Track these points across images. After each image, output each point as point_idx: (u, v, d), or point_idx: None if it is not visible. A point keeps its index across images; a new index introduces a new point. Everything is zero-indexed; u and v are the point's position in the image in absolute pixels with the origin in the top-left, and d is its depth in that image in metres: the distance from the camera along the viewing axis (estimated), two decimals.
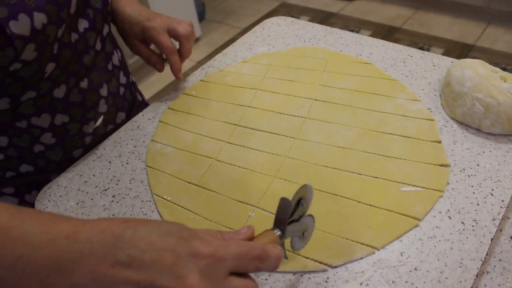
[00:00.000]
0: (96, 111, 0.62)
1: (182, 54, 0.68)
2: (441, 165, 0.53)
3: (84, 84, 0.59)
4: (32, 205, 0.59)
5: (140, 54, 0.69)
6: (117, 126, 0.68)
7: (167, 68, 0.70)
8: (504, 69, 0.59)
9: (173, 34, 0.66)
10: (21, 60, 0.46)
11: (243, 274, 0.34)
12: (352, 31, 0.81)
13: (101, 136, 0.66)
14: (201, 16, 2.66)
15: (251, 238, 0.38)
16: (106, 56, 0.63)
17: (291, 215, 0.40)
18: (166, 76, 2.22)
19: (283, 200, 0.39)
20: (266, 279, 0.45)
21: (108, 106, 0.65)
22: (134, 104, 0.76)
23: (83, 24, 0.56)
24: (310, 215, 0.43)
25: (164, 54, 0.67)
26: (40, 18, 0.46)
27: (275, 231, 0.39)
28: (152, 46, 0.70)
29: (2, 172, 0.59)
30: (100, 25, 0.60)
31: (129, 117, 0.71)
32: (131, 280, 0.31)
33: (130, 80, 0.77)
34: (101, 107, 0.63)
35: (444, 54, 0.72)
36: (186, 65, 2.35)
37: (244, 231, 0.37)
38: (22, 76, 0.49)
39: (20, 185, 0.61)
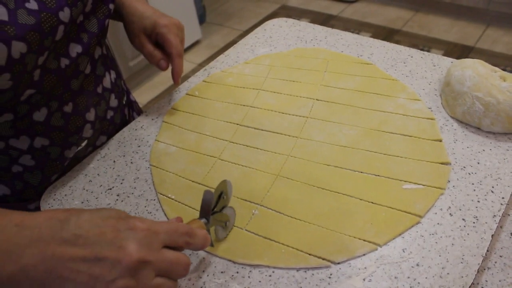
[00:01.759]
0: (79, 136, 0.60)
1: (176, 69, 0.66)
2: (442, 163, 0.54)
3: (68, 108, 0.56)
4: None
5: (143, 48, 0.66)
6: (95, 148, 0.66)
7: (169, 71, 0.68)
8: (503, 70, 0.60)
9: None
10: None
11: (176, 250, 0.39)
12: (352, 33, 0.82)
13: (79, 159, 0.64)
14: (202, 19, 2.67)
15: None
16: (95, 79, 0.60)
17: (214, 206, 0.46)
18: (168, 78, 2.23)
19: (207, 192, 0.45)
20: (270, 275, 0.45)
21: (94, 130, 0.62)
22: (124, 126, 0.71)
23: (75, 49, 0.53)
24: (231, 207, 0.50)
25: (169, 54, 0.65)
26: (19, 47, 0.43)
27: (201, 220, 0.44)
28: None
29: None
30: (93, 49, 0.57)
31: (109, 138, 0.68)
32: (77, 256, 0.34)
33: (132, 99, 0.75)
34: (85, 132, 0.60)
35: (444, 55, 0.73)
36: (187, 67, 2.36)
37: (173, 220, 0.43)
38: None
39: None
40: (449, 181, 0.52)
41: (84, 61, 0.56)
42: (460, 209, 0.49)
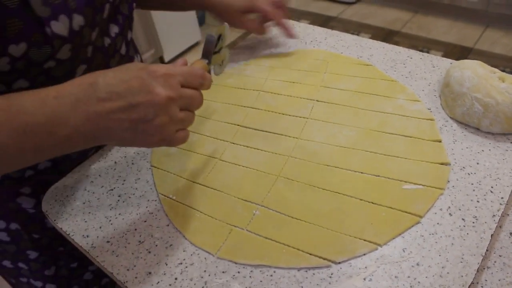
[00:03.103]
0: None
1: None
2: (442, 164, 0.54)
3: None
4: None
5: (247, 24, 0.76)
6: None
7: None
8: (502, 71, 0.61)
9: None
10: (56, 59, 0.48)
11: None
12: (351, 34, 0.82)
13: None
14: (201, 20, 2.68)
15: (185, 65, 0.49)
16: (129, 60, 0.66)
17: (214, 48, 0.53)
18: None
19: (209, 36, 0.52)
20: (271, 275, 0.46)
21: None
22: None
23: (114, 29, 0.58)
24: (226, 48, 0.58)
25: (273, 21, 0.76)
26: (78, 20, 0.48)
27: (204, 61, 0.52)
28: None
29: (21, 172, 0.60)
30: (126, 31, 0.62)
31: None
32: (114, 108, 0.41)
33: None
34: None
35: (443, 57, 0.73)
36: None
37: (180, 62, 0.49)
38: (54, 75, 0.50)
39: (36, 184, 0.62)
40: (448, 181, 0.52)
41: (120, 41, 0.61)
42: (459, 209, 0.49)
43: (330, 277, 0.45)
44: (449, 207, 0.50)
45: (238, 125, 0.65)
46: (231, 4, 0.73)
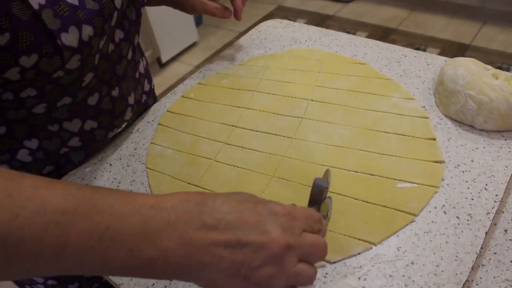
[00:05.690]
0: (122, 119, 0.65)
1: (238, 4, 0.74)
2: (436, 162, 0.54)
3: (115, 92, 0.61)
4: None
5: (206, 6, 0.73)
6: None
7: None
8: (499, 67, 0.60)
9: None
10: (65, 69, 0.48)
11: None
12: (348, 33, 0.82)
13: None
14: (198, 21, 2.68)
15: None
16: (134, 65, 0.65)
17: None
18: (163, 80, 2.24)
19: (319, 180, 0.43)
20: None
21: (133, 113, 0.67)
22: None
23: (119, 35, 0.58)
24: (330, 197, 0.48)
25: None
26: (87, 31, 0.47)
27: (313, 208, 0.43)
28: None
29: None
30: (133, 36, 0.62)
31: None
32: (218, 240, 0.33)
33: (152, 87, 0.79)
34: (127, 114, 0.65)
35: (440, 54, 0.74)
36: (184, 69, 2.36)
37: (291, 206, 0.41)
38: (62, 83, 0.50)
39: None
40: (443, 179, 0.52)
41: (125, 47, 0.60)
42: (454, 207, 0.49)
43: (325, 276, 0.45)
44: (444, 205, 0.50)
45: (232, 125, 0.65)
46: None
